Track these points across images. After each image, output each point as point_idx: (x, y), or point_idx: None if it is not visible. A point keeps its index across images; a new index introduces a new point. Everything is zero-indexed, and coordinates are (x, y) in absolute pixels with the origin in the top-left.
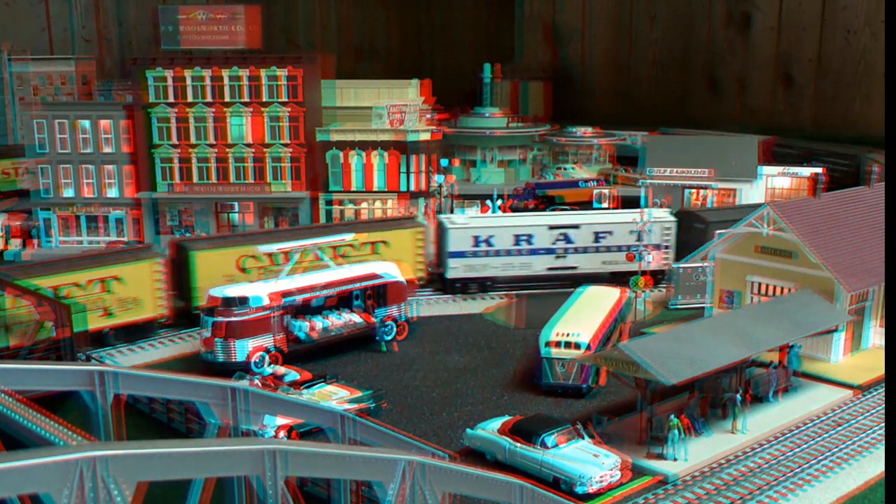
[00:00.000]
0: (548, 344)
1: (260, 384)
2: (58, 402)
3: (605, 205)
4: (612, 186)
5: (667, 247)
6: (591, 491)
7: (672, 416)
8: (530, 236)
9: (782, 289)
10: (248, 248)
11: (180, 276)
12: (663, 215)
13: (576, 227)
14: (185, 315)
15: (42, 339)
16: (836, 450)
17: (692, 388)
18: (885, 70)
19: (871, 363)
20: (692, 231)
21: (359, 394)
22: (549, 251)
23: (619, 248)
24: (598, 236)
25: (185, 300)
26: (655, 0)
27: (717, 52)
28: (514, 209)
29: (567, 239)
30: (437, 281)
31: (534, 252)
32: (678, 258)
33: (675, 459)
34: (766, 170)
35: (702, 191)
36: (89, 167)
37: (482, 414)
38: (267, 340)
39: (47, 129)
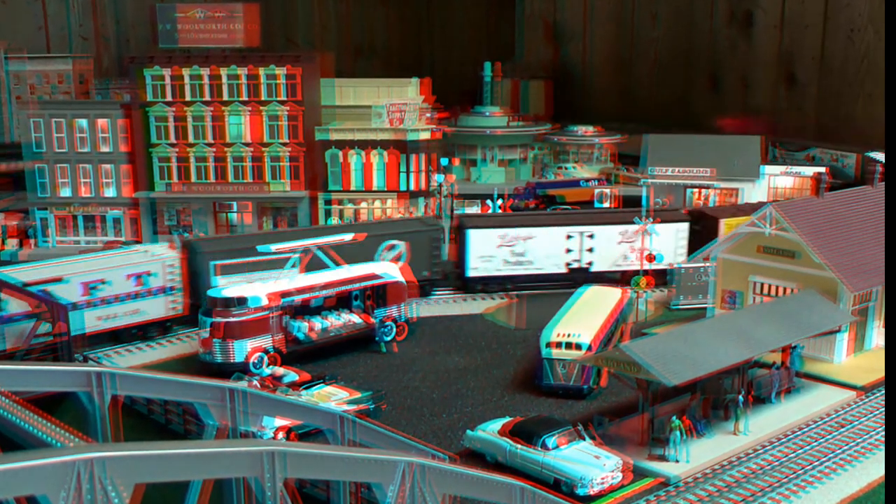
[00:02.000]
0: (548, 345)
1: (258, 385)
2: (55, 403)
3: (606, 204)
4: (613, 186)
5: (173, 288)
6: (592, 493)
7: (674, 418)
8: None
9: (785, 289)
10: None
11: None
12: (164, 253)
13: (60, 281)
14: None
15: (39, 339)
16: (839, 451)
17: (694, 389)
18: (886, 69)
19: (874, 364)
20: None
21: (358, 395)
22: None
23: (119, 300)
24: (90, 289)
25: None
26: None
27: (719, 51)
28: (515, 209)
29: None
30: None
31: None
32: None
33: (677, 461)
34: (769, 169)
35: (704, 190)
36: (86, 166)
37: (482, 415)
38: (266, 341)
39: (44, 129)
